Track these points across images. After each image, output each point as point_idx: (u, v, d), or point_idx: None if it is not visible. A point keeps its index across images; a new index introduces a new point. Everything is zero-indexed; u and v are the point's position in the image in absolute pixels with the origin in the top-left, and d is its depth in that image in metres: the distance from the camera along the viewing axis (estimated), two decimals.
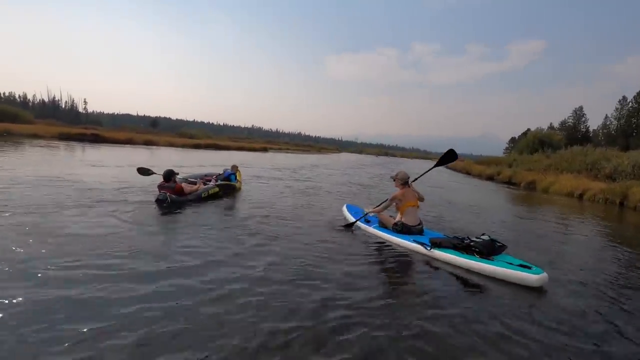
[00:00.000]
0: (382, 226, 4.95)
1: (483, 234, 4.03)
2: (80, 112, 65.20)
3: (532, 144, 29.35)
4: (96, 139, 26.82)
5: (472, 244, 3.88)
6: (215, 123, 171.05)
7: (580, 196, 13.61)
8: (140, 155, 18.44)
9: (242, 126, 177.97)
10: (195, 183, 7.05)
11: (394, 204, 4.80)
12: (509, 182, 20.03)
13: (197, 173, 8.17)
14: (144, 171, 7.07)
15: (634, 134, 42.02)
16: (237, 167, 8.65)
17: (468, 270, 3.77)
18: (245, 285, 2.99)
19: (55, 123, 36.76)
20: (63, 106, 63.26)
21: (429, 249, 4.11)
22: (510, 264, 3.60)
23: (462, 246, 3.94)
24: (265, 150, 44.97)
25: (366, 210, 5.16)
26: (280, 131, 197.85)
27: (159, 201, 5.75)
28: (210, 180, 7.69)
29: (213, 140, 40.04)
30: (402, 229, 4.63)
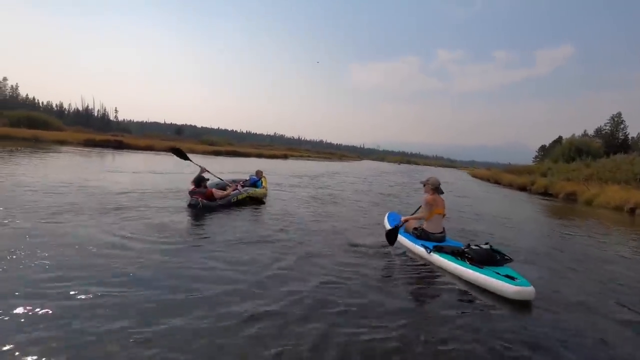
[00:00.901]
0: (406, 230, 4.91)
1: (486, 243, 3.96)
2: (111, 120, 67.82)
3: (568, 151, 27.36)
4: (119, 145, 27.25)
5: (467, 250, 3.87)
6: (238, 130, 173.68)
7: (632, 210, 12.06)
8: (159, 161, 18.30)
9: (265, 134, 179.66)
10: (224, 188, 7.09)
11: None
12: (545, 193, 18.46)
13: (225, 179, 8.13)
14: (179, 153, 7.35)
15: None
16: (262, 172, 8.59)
17: (459, 277, 3.73)
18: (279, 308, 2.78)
19: (84, 130, 37.86)
20: (96, 114, 66.14)
21: (429, 252, 4.14)
22: (498, 273, 3.45)
23: (458, 252, 3.93)
24: (285, 157, 44.68)
25: (403, 219, 4.93)
26: (302, 139, 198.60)
27: (191, 206, 5.97)
28: (237, 187, 7.56)
29: (233, 147, 40.10)
30: (420, 235, 4.58)
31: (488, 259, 3.69)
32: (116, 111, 70.75)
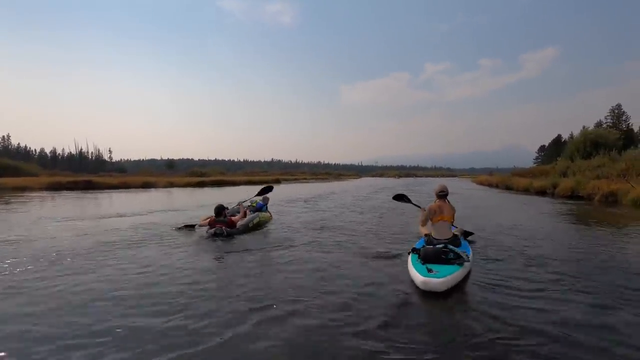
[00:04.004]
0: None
1: (445, 247, 4.08)
2: (106, 161, 66.77)
3: (583, 146, 24.69)
4: (89, 186, 24.65)
5: (418, 249, 4.18)
6: (235, 160, 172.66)
7: None
8: (121, 201, 15.61)
9: (262, 160, 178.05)
10: (234, 215, 7.37)
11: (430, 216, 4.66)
12: (572, 196, 15.67)
13: (233, 206, 8.51)
14: (184, 228, 7.20)
15: None
16: (268, 198, 9.21)
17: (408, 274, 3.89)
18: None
19: (59, 173, 35.38)
20: (90, 157, 65.08)
21: (408, 253, 4.29)
22: (429, 269, 3.61)
23: (417, 251, 4.19)
24: (278, 182, 42.16)
25: (421, 231, 5.13)
26: (300, 161, 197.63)
27: (216, 235, 6.34)
28: (246, 211, 7.77)
29: (220, 177, 37.57)
30: (427, 241, 4.53)
31: (434, 257, 3.93)
32: (110, 151, 69.79)
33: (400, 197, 6.01)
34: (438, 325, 2.81)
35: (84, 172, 40.24)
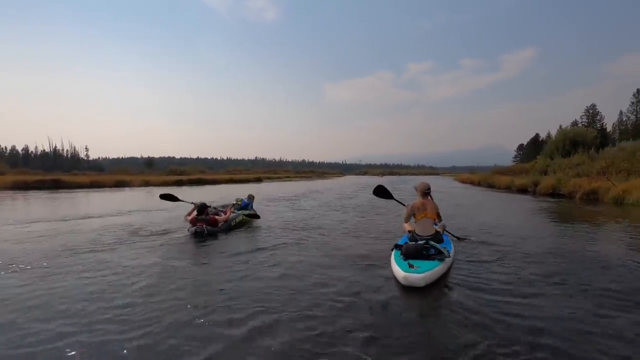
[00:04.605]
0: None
1: (426, 243, 4.09)
2: (82, 159, 64.29)
3: (562, 145, 25.00)
4: (57, 185, 23.30)
5: (401, 245, 4.16)
6: (219, 158, 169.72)
7: None
8: (85, 201, 14.61)
9: (246, 159, 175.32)
10: (217, 214, 7.22)
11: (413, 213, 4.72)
12: (553, 194, 15.66)
13: (216, 205, 8.71)
14: (168, 197, 7.64)
15: None
16: (254, 197, 9.20)
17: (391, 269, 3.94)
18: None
19: (29, 172, 33.57)
20: (65, 155, 62.41)
21: (391, 250, 4.30)
22: (411, 265, 3.65)
23: (400, 247, 4.15)
24: (259, 180, 41.34)
25: (405, 227, 4.93)
26: (284, 160, 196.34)
27: (196, 234, 6.24)
28: (229, 211, 7.66)
29: (199, 175, 36.45)
30: (410, 237, 4.58)
31: (415, 253, 3.93)
32: (87, 149, 67.22)
33: (381, 191, 5.59)
34: (418, 320, 2.83)
35: (58, 171, 38.49)
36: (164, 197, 7.67)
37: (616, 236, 6.52)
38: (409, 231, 4.70)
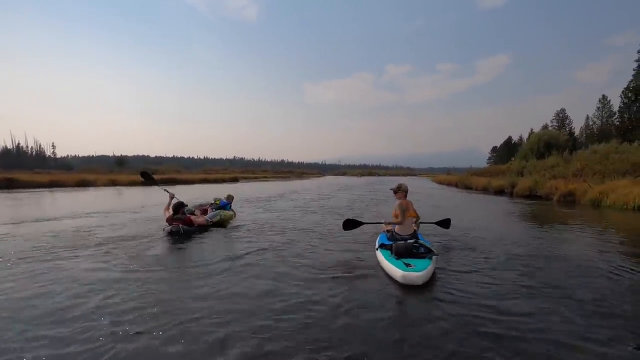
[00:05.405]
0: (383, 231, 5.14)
1: (415, 241, 4.14)
2: (48, 157, 60.34)
3: (537, 147, 25.40)
4: (10, 185, 21.48)
5: (392, 244, 4.17)
6: (195, 157, 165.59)
7: None
8: (40, 202, 13.28)
9: (224, 158, 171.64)
10: (192, 214, 7.02)
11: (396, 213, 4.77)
12: (530, 196, 15.61)
13: (193, 204, 8.66)
14: (147, 176, 8.08)
15: (630, 128, 39.48)
16: (232, 197, 9.10)
17: (382, 268, 4.00)
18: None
19: None
20: (29, 152, 58.62)
21: (376, 248, 4.43)
22: (407, 264, 3.67)
23: (388, 247, 4.21)
24: (235, 180, 40.16)
25: (383, 226, 5.23)
26: (263, 160, 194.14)
27: (172, 233, 6.10)
28: (207, 210, 7.70)
29: (172, 175, 34.90)
30: (390, 237, 4.62)
31: (406, 251, 3.98)
32: (54, 146, 63.31)
33: (350, 224, 5.26)
34: (426, 319, 2.79)
35: (20, 169, 35.78)
36: (144, 175, 8.08)
37: (594, 240, 6.18)
38: (387, 230, 4.80)
